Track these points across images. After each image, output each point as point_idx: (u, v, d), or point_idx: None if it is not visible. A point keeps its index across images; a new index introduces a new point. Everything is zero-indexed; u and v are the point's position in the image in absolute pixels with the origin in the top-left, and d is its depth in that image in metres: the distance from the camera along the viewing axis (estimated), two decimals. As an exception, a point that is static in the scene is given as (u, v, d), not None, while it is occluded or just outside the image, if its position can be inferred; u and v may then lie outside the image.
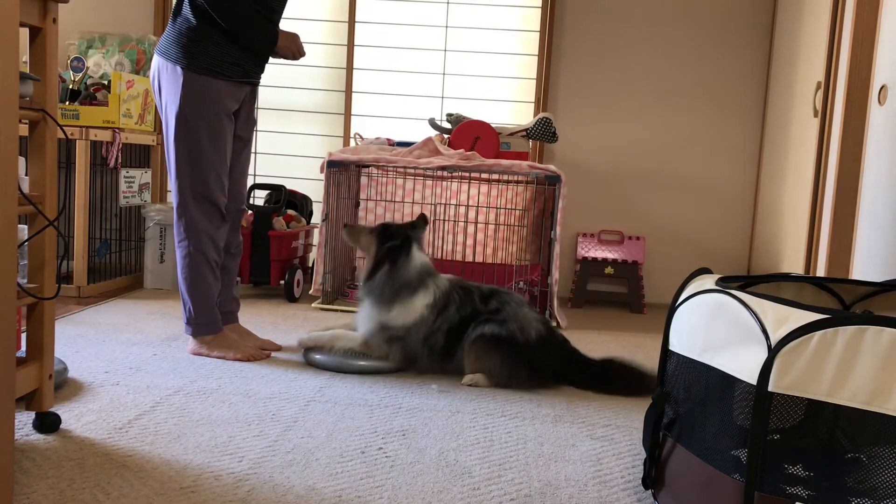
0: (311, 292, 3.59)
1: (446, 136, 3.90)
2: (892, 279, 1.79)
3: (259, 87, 2.68)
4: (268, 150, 4.40)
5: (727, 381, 1.35)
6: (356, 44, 4.30)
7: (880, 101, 2.77)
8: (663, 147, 4.24)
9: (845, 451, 1.31)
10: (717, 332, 1.40)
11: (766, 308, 1.31)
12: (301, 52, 2.61)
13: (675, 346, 1.55)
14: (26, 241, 1.74)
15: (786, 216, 3.61)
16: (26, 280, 1.74)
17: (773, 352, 1.25)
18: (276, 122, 4.37)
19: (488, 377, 2.42)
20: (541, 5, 4.21)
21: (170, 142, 2.47)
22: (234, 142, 2.61)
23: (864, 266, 2.79)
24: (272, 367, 2.51)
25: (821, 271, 3.05)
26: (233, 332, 2.69)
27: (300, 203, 4.09)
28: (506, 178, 3.81)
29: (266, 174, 4.39)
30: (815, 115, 3.27)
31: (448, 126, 3.98)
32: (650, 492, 1.63)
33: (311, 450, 1.81)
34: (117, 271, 3.95)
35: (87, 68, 3.82)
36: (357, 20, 4.29)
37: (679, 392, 1.51)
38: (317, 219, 4.16)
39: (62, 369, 2.18)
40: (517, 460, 1.82)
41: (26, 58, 1.72)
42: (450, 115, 3.97)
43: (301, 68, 4.28)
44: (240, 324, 2.79)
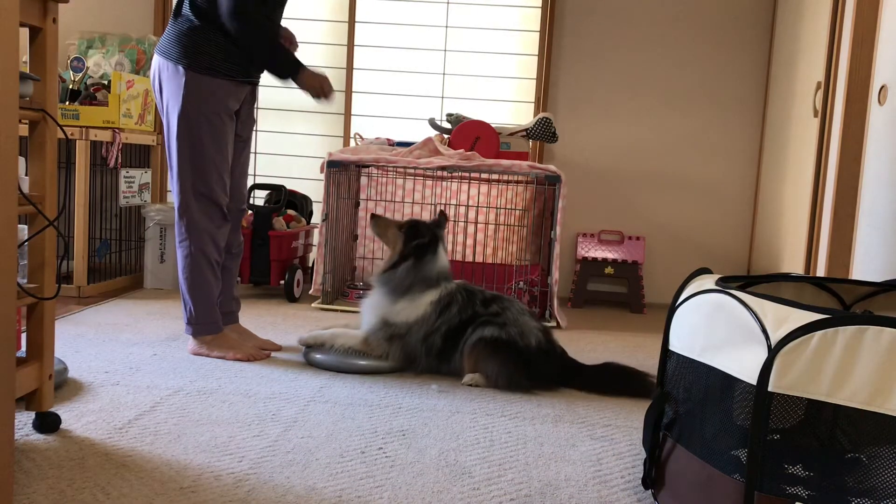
0: (311, 292, 3.59)
1: (446, 136, 3.90)
2: (892, 279, 1.79)
3: (258, 86, 2.68)
4: (268, 150, 4.40)
5: (727, 381, 1.35)
6: (356, 44, 4.30)
7: (880, 101, 2.77)
8: (663, 147, 4.24)
9: (845, 451, 1.31)
10: (717, 332, 1.40)
11: (766, 308, 1.31)
12: (329, 92, 2.60)
13: (675, 346, 1.55)
14: (26, 241, 1.74)
15: (786, 216, 3.61)
16: (26, 280, 1.74)
17: (773, 352, 1.25)
18: (276, 122, 4.37)
19: (486, 380, 2.42)
20: (541, 5, 4.21)
21: (171, 141, 2.47)
22: (234, 141, 2.61)
23: (864, 266, 2.79)
24: (272, 367, 2.51)
25: (821, 271, 3.05)
26: (233, 332, 2.69)
27: (300, 203, 4.09)
28: (506, 178, 3.81)
29: (266, 174, 4.39)
30: (815, 115, 3.27)
31: (448, 126, 3.98)
32: (650, 492, 1.63)
33: (311, 450, 1.81)
34: (117, 271, 3.95)
35: (87, 68, 3.82)
36: (357, 20, 4.29)
37: (679, 392, 1.51)
38: (317, 219, 4.16)
39: (62, 369, 2.18)
40: (517, 460, 1.82)
41: (26, 58, 1.72)
42: (450, 115, 3.97)
43: (301, 68, 4.28)
44: (240, 324, 2.79)
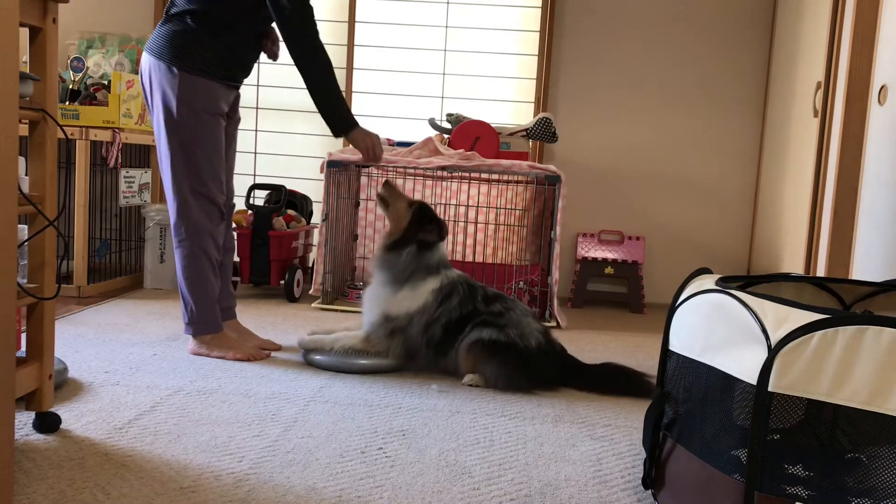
0: (311, 292, 3.59)
1: (446, 136, 3.90)
2: (892, 279, 1.79)
3: (253, 89, 2.69)
4: (268, 150, 4.40)
5: (727, 381, 1.35)
6: (356, 44, 4.30)
7: (880, 101, 2.77)
8: (663, 147, 4.24)
9: (845, 451, 1.31)
10: (717, 332, 1.40)
11: (766, 308, 1.31)
12: (379, 153, 2.61)
13: (675, 346, 1.55)
14: (26, 241, 1.74)
15: (786, 216, 3.61)
16: (26, 280, 1.74)
17: (773, 352, 1.25)
18: (276, 122, 4.37)
19: (485, 382, 2.42)
20: (541, 5, 4.21)
21: (165, 142, 2.45)
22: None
23: (864, 266, 2.79)
24: (272, 367, 2.51)
25: (821, 271, 3.05)
26: (232, 331, 2.69)
27: (300, 203, 4.09)
28: (506, 178, 3.81)
29: (266, 174, 4.39)
30: (815, 115, 3.27)
31: (448, 126, 3.98)
32: (650, 492, 1.63)
33: (311, 450, 1.81)
34: (117, 271, 3.95)
35: (87, 68, 3.82)
36: (357, 20, 4.29)
37: (679, 392, 1.51)
38: (317, 219, 4.16)
39: (62, 369, 2.18)
40: (517, 460, 1.82)
41: (26, 58, 1.72)
42: (450, 115, 3.97)
43: (301, 68, 4.28)
44: (239, 322, 2.79)
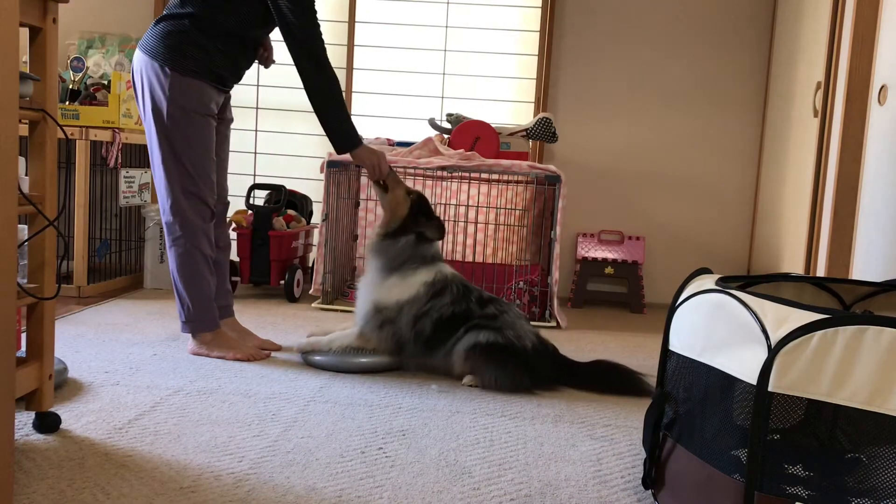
0: (311, 292, 3.59)
1: (446, 136, 3.90)
2: (892, 279, 1.79)
3: (251, 88, 2.70)
4: (268, 150, 4.40)
5: (727, 381, 1.35)
6: (356, 44, 4.30)
7: (880, 101, 2.77)
8: (663, 147, 4.24)
9: (845, 451, 1.31)
10: (717, 332, 1.40)
11: (766, 308, 1.31)
12: (384, 172, 2.60)
13: (675, 346, 1.55)
14: (26, 241, 1.74)
15: (786, 216, 3.61)
16: (26, 280, 1.74)
17: (773, 352, 1.25)
18: (275, 122, 4.37)
19: (486, 385, 2.41)
20: (541, 5, 4.21)
21: (156, 142, 2.46)
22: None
23: (864, 266, 2.79)
24: (272, 367, 2.51)
25: (821, 271, 3.05)
26: (232, 331, 2.69)
27: (300, 203, 4.09)
28: (506, 178, 3.81)
29: (266, 174, 4.39)
30: (815, 115, 3.27)
31: (448, 126, 3.97)
32: (650, 492, 1.63)
33: (311, 450, 1.81)
34: (117, 271, 3.95)
35: (87, 68, 3.82)
36: (357, 20, 4.29)
37: (679, 392, 1.51)
38: (317, 219, 4.16)
39: (62, 369, 2.18)
40: (517, 460, 1.82)
41: (26, 58, 1.72)
42: (450, 115, 3.97)
43: (301, 68, 4.28)
44: (238, 322, 2.79)
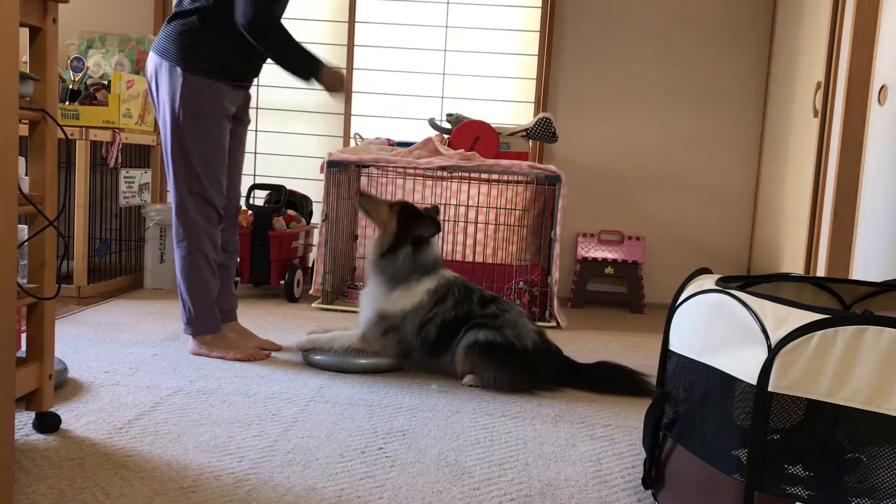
0: (311, 292, 3.59)
1: (446, 136, 3.90)
2: (892, 279, 1.79)
3: (251, 89, 2.69)
4: (268, 150, 4.40)
5: (727, 381, 1.35)
6: (356, 44, 4.30)
7: (880, 101, 2.77)
8: (663, 147, 4.24)
9: (845, 451, 1.31)
10: (717, 332, 1.40)
11: (766, 308, 1.31)
12: (342, 90, 2.57)
13: (675, 346, 1.55)
14: (26, 241, 1.74)
15: (786, 216, 3.61)
16: (26, 280, 1.74)
17: (773, 352, 1.25)
18: (276, 122, 4.37)
19: (485, 384, 2.41)
20: (541, 5, 4.21)
21: (168, 142, 2.46)
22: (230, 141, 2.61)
23: (864, 266, 2.79)
24: (272, 367, 2.51)
25: (821, 271, 3.05)
26: (232, 332, 2.69)
27: (300, 203, 4.09)
28: (506, 178, 3.81)
29: (266, 174, 4.39)
30: (815, 115, 3.27)
31: (448, 126, 3.97)
32: (650, 492, 1.63)
33: (311, 450, 1.81)
34: (117, 271, 3.95)
35: (87, 68, 3.82)
36: (357, 20, 4.29)
37: (679, 392, 1.51)
38: (317, 219, 4.16)
39: (62, 369, 2.18)
40: (517, 460, 1.82)
41: (26, 58, 1.72)
42: (450, 115, 3.97)
43: (301, 68, 4.28)
44: (239, 323, 2.79)
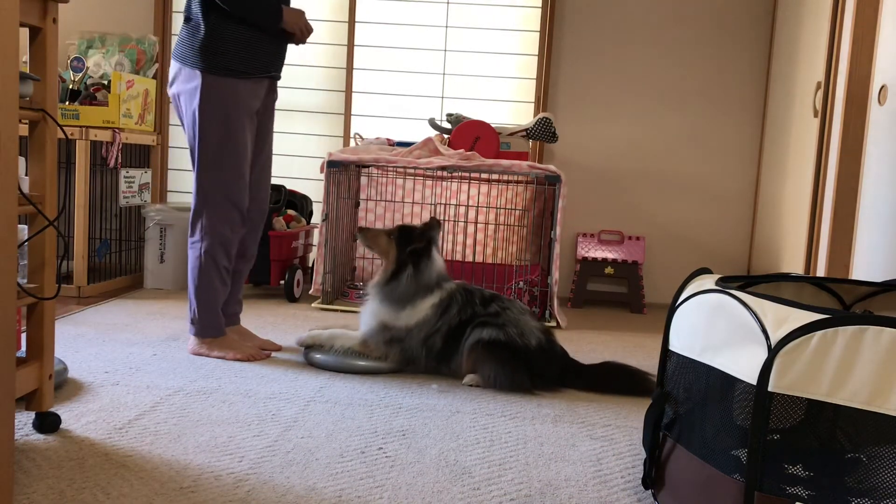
0: (311, 292, 3.59)
1: (446, 136, 3.90)
2: (892, 279, 1.79)
3: (278, 81, 2.66)
4: (268, 150, 4.40)
5: (727, 381, 1.35)
6: (356, 44, 4.29)
7: (880, 101, 2.77)
8: (664, 147, 4.24)
9: (845, 451, 1.31)
10: (717, 332, 1.40)
11: (766, 308, 1.31)
12: (308, 29, 2.55)
13: (675, 346, 1.55)
14: (26, 241, 1.74)
15: (786, 216, 3.61)
16: (26, 280, 1.74)
17: (773, 352, 1.25)
18: (276, 121, 4.35)
19: (485, 382, 2.41)
20: (541, 5, 4.21)
21: (192, 144, 2.47)
22: (255, 140, 2.60)
23: (864, 266, 2.79)
24: (272, 367, 2.51)
25: (821, 271, 3.05)
26: (233, 333, 2.69)
27: (300, 203, 4.09)
28: (506, 178, 3.81)
29: (266, 174, 4.39)
30: (815, 115, 3.27)
31: (448, 126, 3.97)
32: (650, 492, 1.63)
33: (311, 450, 1.81)
34: (117, 271, 3.95)
35: (87, 68, 3.82)
36: (357, 20, 4.29)
37: (679, 392, 1.51)
38: (317, 219, 4.16)
39: (62, 369, 2.18)
40: (517, 460, 1.82)
41: (26, 58, 1.72)
42: (450, 115, 3.97)
43: (301, 68, 4.29)
44: (241, 324, 2.79)
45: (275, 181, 4.27)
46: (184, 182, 4.37)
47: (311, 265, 3.98)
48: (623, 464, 1.84)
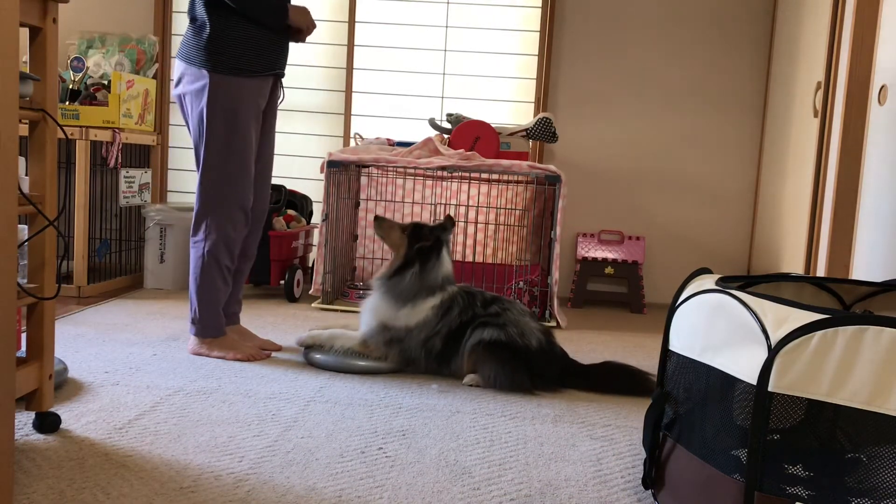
0: (311, 292, 3.59)
1: (446, 136, 3.90)
2: (892, 279, 1.79)
3: (282, 79, 2.66)
4: (268, 150, 4.40)
5: (727, 381, 1.35)
6: (356, 44, 4.30)
7: (880, 101, 2.77)
8: (664, 147, 4.24)
9: (845, 451, 1.31)
10: (717, 332, 1.40)
11: (766, 308, 1.31)
12: (312, 25, 2.56)
13: (675, 346, 1.55)
14: (26, 241, 1.74)
15: (786, 216, 3.61)
16: (26, 280, 1.74)
17: (773, 352, 1.25)
18: (276, 122, 4.36)
19: (485, 382, 2.41)
20: (541, 5, 4.21)
21: (198, 144, 2.46)
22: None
23: (864, 266, 2.79)
24: (272, 367, 2.51)
25: (821, 271, 3.05)
26: (233, 333, 2.69)
27: (300, 203, 4.09)
28: (506, 178, 3.81)
29: (266, 174, 4.39)
30: (815, 115, 3.27)
31: (448, 126, 3.97)
32: (650, 492, 1.63)
33: (311, 450, 1.81)
34: (117, 271, 3.95)
35: (87, 68, 3.82)
36: (357, 20, 4.29)
37: (679, 392, 1.51)
38: (317, 219, 4.16)
39: (62, 369, 2.18)
40: (517, 460, 1.82)
41: (26, 58, 1.72)
42: (450, 115, 3.97)
43: (301, 68, 4.29)
44: (241, 324, 2.79)
45: (275, 181, 4.27)
46: (184, 182, 4.37)
47: (311, 265, 3.98)
48: (623, 464, 1.84)
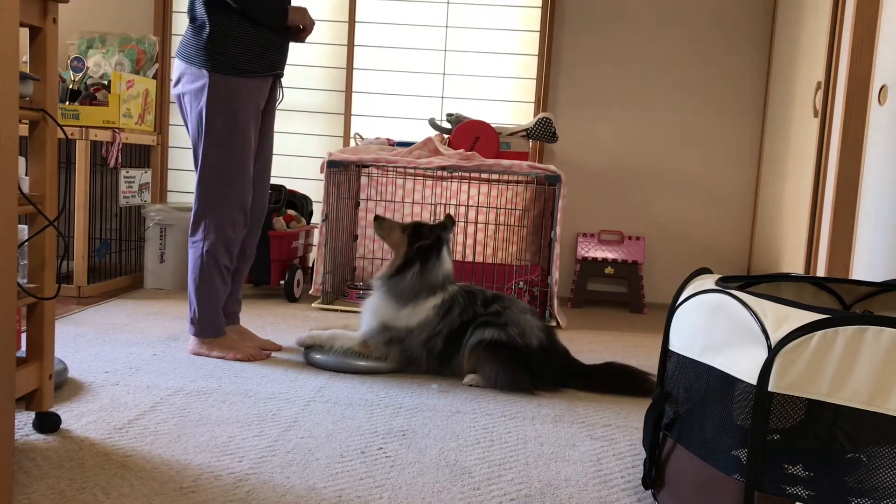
0: (311, 292, 3.59)
1: (446, 136, 3.90)
2: (892, 279, 1.79)
3: (281, 79, 2.66)
4: (268, 150, 4.40)
5: (727, 381, 1.35)
6: (356, 44, 4.30)
7: (880, 101, 2.77)
8: (663, 147, 4.24)
9: (845, 451, 1.31)
10: (717, 332, 1.40)
11: (766, 308, 1.31)
12: (311, 23, 2.56)
13: (675, 346, 1.55)
14: (26, 241, 1.74)
15: (786, 216, 3.61)
16: (26, 280, 1.74)
17: (773, 352, 1.25)
18: (276, 122, 4.36)
19: (486, 382, 2.41)
20: (541, 5, 4.21)
21: (196, 143, 2.46)
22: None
23: (864, 266, 2.79)
24: (272, 367, 2.51)
25: (821, 271, 3.05)
26: (233, 333, 2.69)
27: (300, 203, 4.09)
28: (506, 178, 3.81)
29: (266, 174, 4.39)
30: (815, 115, 3.27)
31: (448, 126, 3.98)
32: (650, 492, 1.63)
33: (311, 450, 1.81)
34: (117, 271, 3.95)
35: (87, 68, 3.82)
36: (357, 20, 4.29)
37: (679, 392, 1.51)
38: (317, 219, 4.16)
39: (62, 369, 2.18)
40: (517, 460, 1.82)
41: (26, 58, 1.72)
42: (450, 115, 3.97)
43: (301, 68, 4.29)
44: (240, 324, 2.79)
45: (275, 181, 4.27)
46: (184, 182, 4.37)
47: (311, 265, 3.98)
48: (623, 464, 1.84)
